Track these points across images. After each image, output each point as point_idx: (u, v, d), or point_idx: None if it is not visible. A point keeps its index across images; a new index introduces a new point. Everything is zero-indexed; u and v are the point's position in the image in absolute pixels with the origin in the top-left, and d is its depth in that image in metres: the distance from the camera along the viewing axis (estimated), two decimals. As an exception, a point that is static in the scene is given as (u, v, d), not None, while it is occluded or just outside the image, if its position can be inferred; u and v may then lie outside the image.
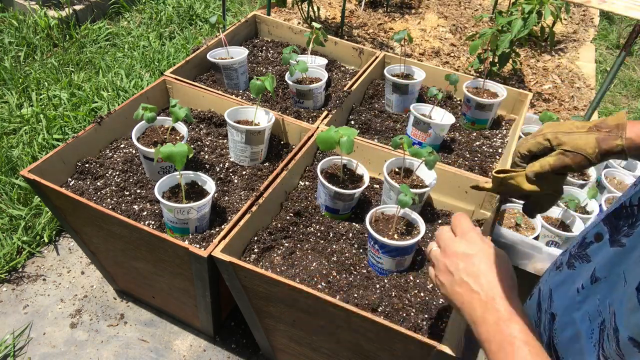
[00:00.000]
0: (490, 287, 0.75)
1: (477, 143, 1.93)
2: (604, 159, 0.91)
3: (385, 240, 1.31)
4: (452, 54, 3.27)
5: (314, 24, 2.05)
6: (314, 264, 1.40)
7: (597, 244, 0.74)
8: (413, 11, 3.74)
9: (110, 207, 1.49)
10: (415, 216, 1.40)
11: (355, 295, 1.31)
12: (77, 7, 3.57)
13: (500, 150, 1.90)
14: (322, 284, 1.35)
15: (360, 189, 1.51)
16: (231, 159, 1.72)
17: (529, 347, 0.68)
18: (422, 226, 1.38)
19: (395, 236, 1.36)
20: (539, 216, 1.99)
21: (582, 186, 2.13)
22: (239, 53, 2.02)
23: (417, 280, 1.38)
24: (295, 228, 1.52)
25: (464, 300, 0.77)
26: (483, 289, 0.75)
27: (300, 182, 1.67)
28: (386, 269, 1.38)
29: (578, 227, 1.95)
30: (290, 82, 1.89)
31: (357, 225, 1.55)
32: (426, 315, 1.29)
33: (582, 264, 0.76)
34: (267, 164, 1.73)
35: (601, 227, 0.75)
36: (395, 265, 1.37)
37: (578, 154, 0.90)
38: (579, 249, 0.79)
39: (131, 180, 1.60)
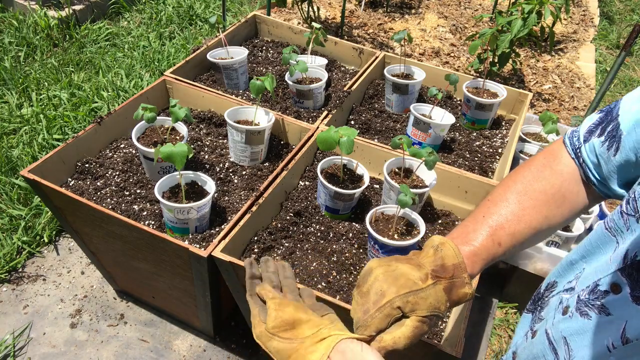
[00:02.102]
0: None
1: (477, 143, 1.93)
2: (451, 309, 0.84)
3: (386, 240, 1.31)
4: (452, 54, 3.27)
5: (314, 24, 2.05)
6: (314, 263, 1.40)
7: (614, 295, 0.66)
8: (413, 11, 3.74)
9: (110, 207, 1.49)
10: (416, 216, 1.40)
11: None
12: (77, 7, 3.57)
13: (500, 150, 1.90)
14: (322, 284, 1.35)
15: (360, 189, 1.51)
16: (231, 159, 1.72)
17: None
18: (422, 226, 1.38)
19: (396, 236, 1.36)
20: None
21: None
22: (239, 53, 2.02)
23: (417, 280, 1.38)
24: (295, 228, 1.52)
25: None
26: None
27: (300, 182, 1.67)
28: None
29: (578, 227, 1.95)
30: (290, 82, 1.89)
31: (357, 225, 1.55)
32: (426, 315, 1.29)
33: (599, 316, 0.68)
34: (267, 164, 1.73)
35: (618, 278, 0.66)
36: None
37: (433, 315, 0.79)
38: (590, 296, 0.70)
39: (131, 180, 1.60)
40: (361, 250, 1.47)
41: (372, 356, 0.73)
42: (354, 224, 1.56)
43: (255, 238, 1.45)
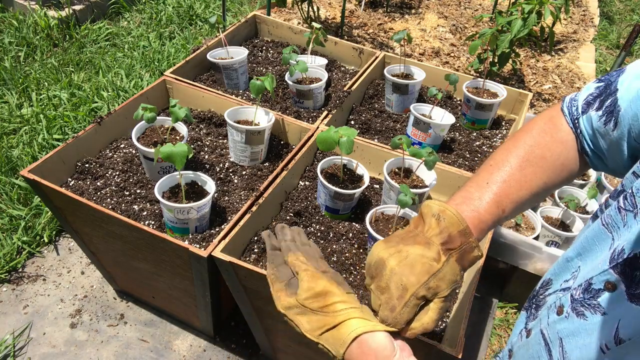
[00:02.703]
0: None
1: (477, 143, 1.93)
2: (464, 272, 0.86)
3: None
4: (452, 54, 3.27)
5: (314, 24, 2.05)
6: (314, 264, 1.40)
7: (609, 294, 0.65)
8: (413, 11, 3.74)
9: (110, 207, 1.49)
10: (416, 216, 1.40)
11: (356, 295, 1.31)
12: (77, 7, 3.57)
13: (500, 150, 1.90)
14: (322, 284, 1.35)
15: (360, 189, 1.51)
16: (231, 159, 1.72)
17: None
18: None
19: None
20: (539, 216, 1.99)
21: (582, 186, 2.13)
22: (239, 53, 2.02)
23: (417, 280, 1.38)
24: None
25: None
26: None
27: (300, 182, 1.67)
28: None
29: (578, 227, 1.95)
30: (290, 82, 1.89)
31: (357, 225, 1.55)
32: (426, 315, 1.29)
33: (594, 315, 0.67)
34: (267, 164, 1.73)
35: (612, 275, 0.65)
36: None
37: (454, 290, 0.83)
38: (585, 295, 0.69)
39: (131, 180, 1.60)
40: (361, 250, 1.47)
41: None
42: (354, 224, 1.56)
43: (255, 238, 1.45)
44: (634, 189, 0.66)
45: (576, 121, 0.85)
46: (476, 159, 1.84)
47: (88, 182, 1.58)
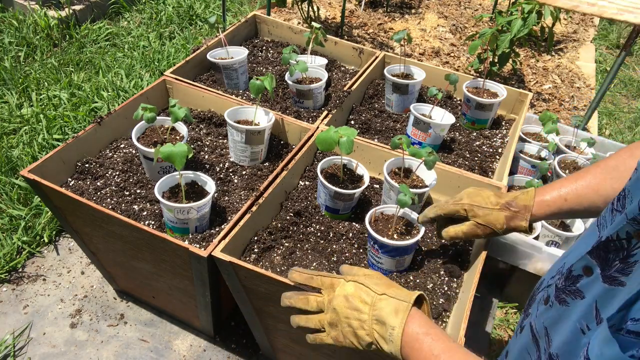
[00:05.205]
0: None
1: (477, 143, 1.93)
2: (508, 232, 1.17)
3: (385, 240, 1.31)
4: (452, 54, 3.27)
5: (313, 23, 2.05)
6: (314, 264, 1.40)
7: (587, 278, 0.69)
8: (413, 11, 3.74)
9: (110, 207, 1.49)
10: (415, 216, 1.40)
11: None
12: (77, 7, 3.57)
13: (500, 150, 1.90)
14: (322, 284, 1.35)
15: (360, 189, 1.51)
16: (231, 159, 1.72)
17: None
18: (421, 226, 1.38)
19: (395, 236, 1.36)
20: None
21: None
22: (239, 53, 2.02)
23: (417, 280, 1.38)
24: (295, 228, 1.52)
25: None
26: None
27: (300, 182, 1.67)
28: (386, 268, 1.38)
29: (578, 227, 1.95)
30: (290, 82, 1.89)
31: (357, 225, 1.55)
32: (426, 315, 1.29)
33: (575, 300, 0.71)
34: (267, 164, 1.73)
35: (589, 261, 0.69)
36: (395, 265, 1.37)
37: (487, 227, 1.17)
38: (566, 282, 0.73)
39: (131, 180, 1.60)
40: (361, 250, 1.47)
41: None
42: (354, 224, 1.56)
43: (255, 238, 1.45)
44: (626, 190, 0.69)
45: None
46: (476, 158, 1.84)
47: (88, 182, 1.58)
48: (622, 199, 0.70)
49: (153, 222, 1.47)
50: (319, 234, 1.51)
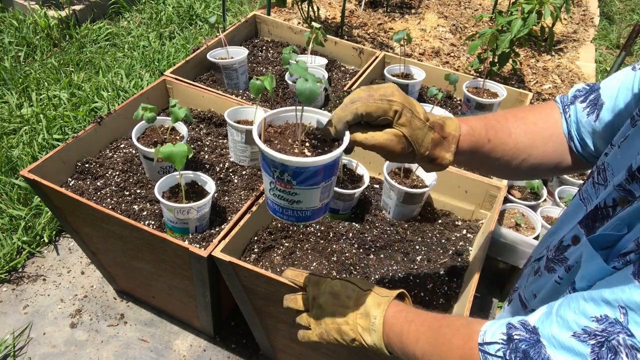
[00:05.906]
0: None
1: (477, 143, 1.93)
2: (424, 162, 0.86)
3: (285, 157, 0.82)
4: (452, 54, 3.27)
5: (313, 23, 2.05)
6: (314, 263, 1.40)
7: (574, 246, 0.74)
8: (413, 11, 3.74)
9: (110, 207, 1.49)
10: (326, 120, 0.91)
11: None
12: (77, 7, 3.57)
13: (500, 150, 1.90)
14: (322, 283, 1.35)
15: (360, 189, 1.51)
16: (231, 159, 1.72)
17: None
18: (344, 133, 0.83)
19: (306, 151, 0.87)
20: (539, 216, 1.99)
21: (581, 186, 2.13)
22: (239, 53, 2.02)
23: (417, 280, 1.38)
24: (295, 228, 1.52)
25: None
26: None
27: (300, 182, 1.67)
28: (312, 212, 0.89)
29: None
30: (290, 82, 1.89)
31: (357, 225, 1.55)
32: (426, 315, 1.29)
33: (560, 267, 0.76)
34: (267, 164, 1.73)
35: (578, 230, 0.74)
36: (320, 199, 0.87)
37: (411, 145, 0.81)
38: (556, 253, 0.78)
39: (131, 180, 1.60)
40: (361, 250, 1.47)
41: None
42: (354, 223, 1.56)
43: (255, 238, 1.45)
44: (605, 164, 0.75)
45: (566, 107, 0.93)
46: (476, 158, 1.84)
47: (88, 182, 1.58)
48: (602, 172, 0.75)
49: (153, 222, 1.47)
50: (319, 233, 1.51)
